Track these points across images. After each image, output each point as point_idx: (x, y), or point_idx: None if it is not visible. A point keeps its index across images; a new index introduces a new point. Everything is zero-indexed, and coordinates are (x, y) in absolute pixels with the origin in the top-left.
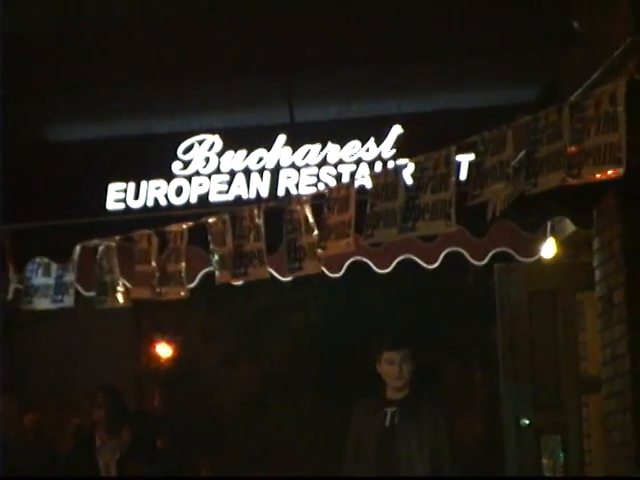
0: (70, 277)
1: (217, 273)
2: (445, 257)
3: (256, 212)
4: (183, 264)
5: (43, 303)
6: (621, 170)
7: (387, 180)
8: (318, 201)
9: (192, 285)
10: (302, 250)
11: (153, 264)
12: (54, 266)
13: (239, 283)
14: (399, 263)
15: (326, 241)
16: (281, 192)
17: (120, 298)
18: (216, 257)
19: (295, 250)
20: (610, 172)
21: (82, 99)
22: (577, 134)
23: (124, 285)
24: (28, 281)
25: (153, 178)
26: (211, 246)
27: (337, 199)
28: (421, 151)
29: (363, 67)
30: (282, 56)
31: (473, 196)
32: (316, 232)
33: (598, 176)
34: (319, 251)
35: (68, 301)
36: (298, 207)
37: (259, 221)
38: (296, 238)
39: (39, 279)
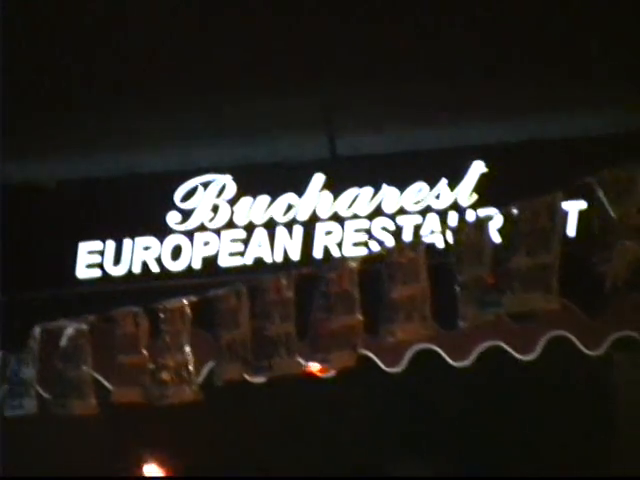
0: (29, 373)
1: (220, 367)
2: (546, 344)
3: (284, 282)
4: (188, 351)
5: None
6: None
7: (468, 237)
8: (370, 266)
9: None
10: (334, 336)
11: (143, 353)
12: (5, 357)
13: (258, 381)
14: (483, 353)
15: (393, 323)
16: (318, 253)
17: (91, 402)
18: (223, 345)
19: (324, 335)
20: None
21: (39, 125)
22: None
23: (98, 383)
24: None
25: (141, 235)
26: (217, 330)
27: (400, 264)
28: (512, 197)
29: (431, 83)
30: (318, 68)
31: (598, 262)
32: (358, 312)
33: None
34: (389, 337)
35: (29, 406)
36: (339, 275)
37: (288, 294)
38: (329, 319)
39: None
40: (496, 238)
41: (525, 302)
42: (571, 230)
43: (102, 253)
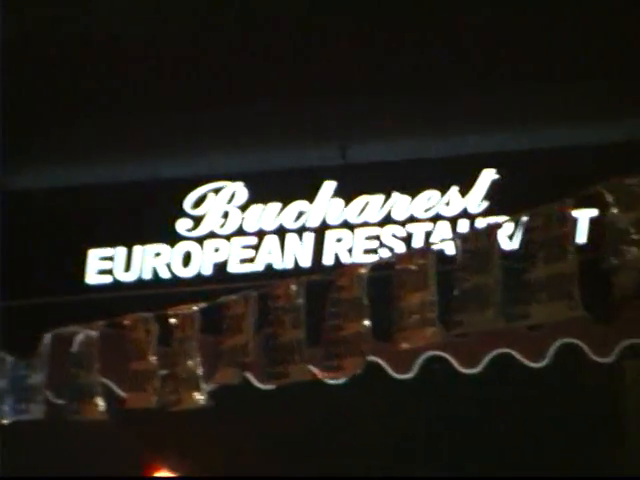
0: (38, 378)
1: (217, 370)
2: (557, 351)
3: (294, 288)
4: (198, 359)
5: None
6: None
7: (477, 245)
8: (380, 273)
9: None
10: (345, 342)
11: (153, 360)
12: (14, 363)
13: (268, 387)
14: (492, 360)
15: (403, 330)
16: (328, 260)
17: (101, 408)
18: (224, 349)
19: (336, 342)
20: None
21: (52, 131)
22: None
23: (108, 389)
24: None
25: (151, 241)
26: (222, 334)
27: (410, 271)
28: (523, 204)
29: (442, 89)
30: (332, 77)
31: (606, 268)
32: (367, 319)
33: None
34: (400, 343)
35: (36, 411)
36: (349, 282)
37: (299, 300)
38: (340, 326)
39: None
40: (506, 245)
41: (552, 312)
42: (581, 238)
43: (112, 259)
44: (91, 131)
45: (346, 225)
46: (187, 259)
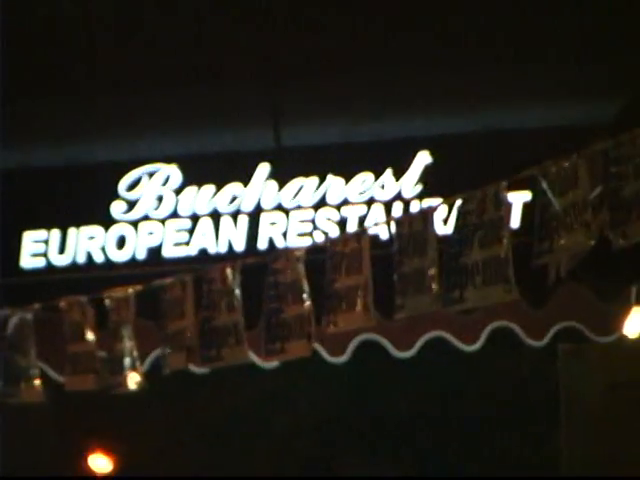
0: None
1: (166, 357)
2: (490, 335)
3: (229, 272)
4: (133, 342)
5: None
6: None
7: (413, 229)
8: (314, 256)
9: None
10: (287, 326)
11: (91, 342)
12: None
13: (203, 371)
14: (426, 343)
15: (336, 314)
16: (262, 244)
17: (39, 390)
18: (168, 334)
19: (277, 325)
20: None
21: None
22: None
23: (43, 372)
24: None
25: (85, 224)
26: (162, 319)
27: (344, 254)
28: (456, 188)
29: (376, 72)
30: (265, 57)
31: (539, 253)
32: (308, 302)
33: None
34: (331, 327)
35: None
36: (285, 265)
37: (234, 284)
38: (280, 309)
39: None
40: (440, 229)
41: (487, 296)
42: (515, 222)
43: (46, 242)
44: (26, 114)
45: (280, 208)
46: (121, 242)
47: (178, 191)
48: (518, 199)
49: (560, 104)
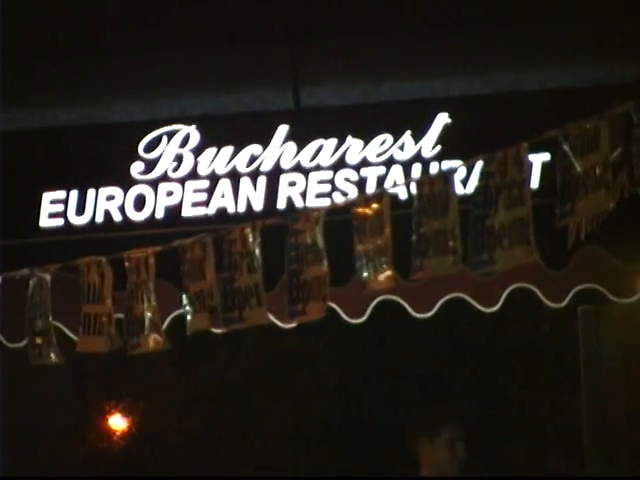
0: None
1: (190, 318)
2: (509, 297)
3: (249, 232)
4: (153, 300)
5: None
6: None
7: (433, 190)
8: (333, 217)
9: None
10: (307, 287)
11: (109, 303)
12: None
13: (221, 331)
14: (445, 304)
15: (361, 275)
16: (281, 204)
17: (55, 352)
18: (191, 295)
19: (298, 287)
20: None
21: (1, 76)
22: None
23: (62, 333)
24: None
25: (104, 185)
26: (185, 280)
27: (365, 216)
28: (476, 149)
29: (396, 33)
30: (285, 20)
31: (562, 215)
32: (326, 263)
33: None
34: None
35: None
36: (305, 226)
37: (254, 244)
38: (301, 270)
39: None
40: (460, 190)
41: (513, 258)
42: (534, 183)
43: (65, 202)
44: (45, 75)
45: (299, 169)
46: (141, 203)
47: (197, 152)
48: (537, 160)
49: (581, 65)
